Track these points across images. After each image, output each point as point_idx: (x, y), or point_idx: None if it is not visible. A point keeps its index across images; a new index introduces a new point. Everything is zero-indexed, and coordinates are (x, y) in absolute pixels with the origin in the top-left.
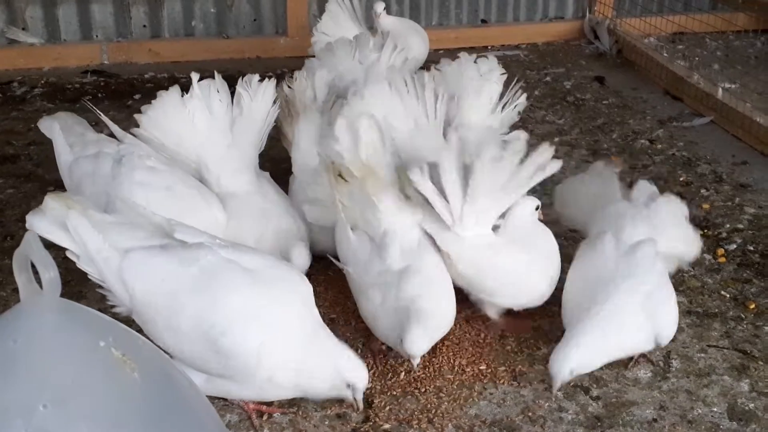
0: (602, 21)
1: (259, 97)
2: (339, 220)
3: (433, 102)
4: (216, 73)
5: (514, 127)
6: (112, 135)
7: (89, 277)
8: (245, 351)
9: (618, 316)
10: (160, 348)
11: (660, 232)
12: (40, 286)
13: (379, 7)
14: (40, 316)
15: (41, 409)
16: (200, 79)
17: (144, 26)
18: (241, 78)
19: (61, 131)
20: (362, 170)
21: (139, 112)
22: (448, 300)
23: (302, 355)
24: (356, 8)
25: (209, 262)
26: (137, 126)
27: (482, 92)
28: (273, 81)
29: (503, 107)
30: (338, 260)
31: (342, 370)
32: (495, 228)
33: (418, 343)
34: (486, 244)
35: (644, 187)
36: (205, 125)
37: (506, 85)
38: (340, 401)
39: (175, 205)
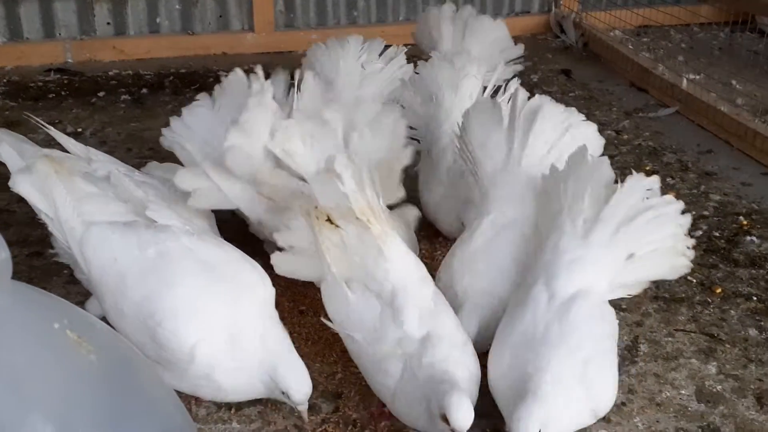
0: (568, 15)
1: None
2: (328, 275)
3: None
4: None
5: None
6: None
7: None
8: (179, 346)
9: (555, 394)
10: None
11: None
12: None
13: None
14: None
15: None
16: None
17: (108, 24)
18: None
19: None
20: (366, 213)
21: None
22: (476, 362)
23: (241, 357)
24: None
25: (166, 248)
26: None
27: (460, 88)
28: None
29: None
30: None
31: (277, 377)
32: None
33: (467, 415)
34: None
35: (633, 188)
36: None
37: None
38: None
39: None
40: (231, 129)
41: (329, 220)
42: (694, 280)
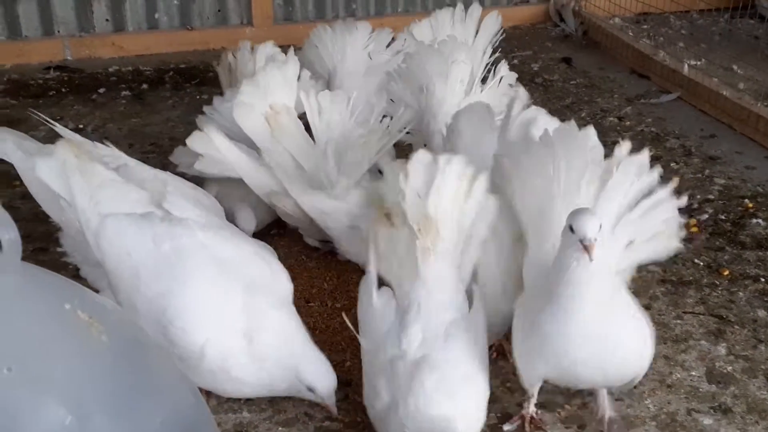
0: (567, 3)
1: None
2: (367, 271)
3: None
4: None
5: None
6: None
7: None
8: (189, 344)
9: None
10: None
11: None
12: None
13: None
14: None
15: (5, 372)
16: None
17: (107, 20)
18: None
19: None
20: (422, 222)
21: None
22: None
23: (259, 356)
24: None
25: (181, 244)
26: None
27: (449, 75)
28: None
29: (482, 87)
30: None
31: (301, 375)
32: None
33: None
34: None
35: (627, 171)
36: None
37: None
38: None
39: None
40: (245, 84)
41: (387, 215)
42: (702, 263)
